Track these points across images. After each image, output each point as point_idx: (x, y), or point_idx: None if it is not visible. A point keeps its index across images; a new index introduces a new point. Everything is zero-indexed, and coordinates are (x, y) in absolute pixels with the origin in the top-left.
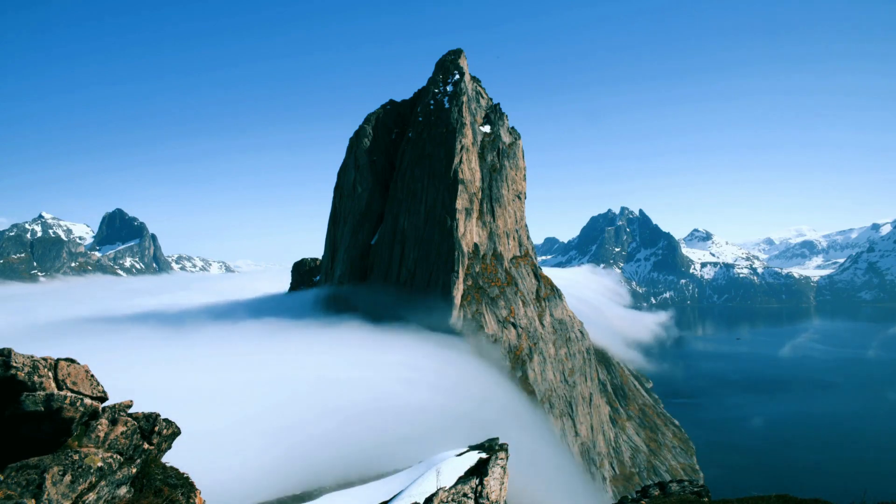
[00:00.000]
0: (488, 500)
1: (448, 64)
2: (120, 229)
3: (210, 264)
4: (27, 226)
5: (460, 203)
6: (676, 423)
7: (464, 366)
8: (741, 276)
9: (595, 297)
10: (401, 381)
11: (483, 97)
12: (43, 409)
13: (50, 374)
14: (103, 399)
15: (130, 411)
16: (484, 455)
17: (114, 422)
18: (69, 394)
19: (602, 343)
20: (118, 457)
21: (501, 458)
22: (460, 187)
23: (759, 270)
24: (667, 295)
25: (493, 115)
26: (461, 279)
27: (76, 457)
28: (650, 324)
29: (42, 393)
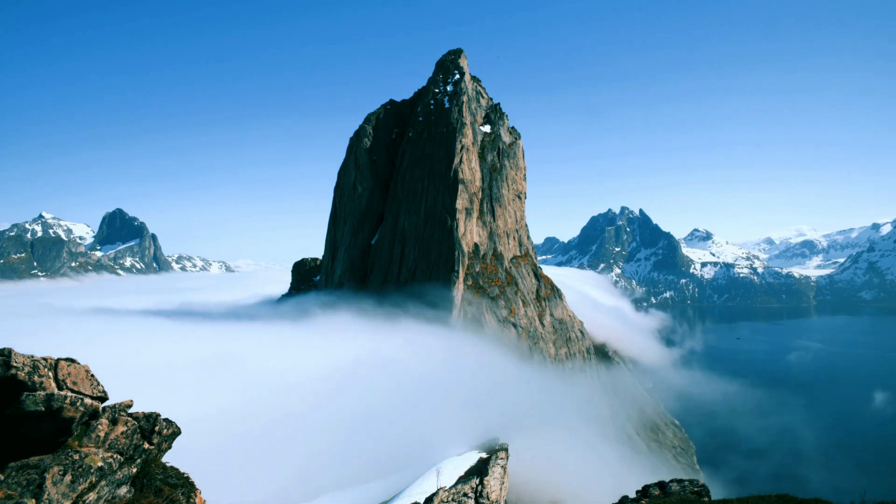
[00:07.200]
0: (488, 499)
1: (448, 64)
2: (120, 229)
3: (210, 264)
4: (27, 225)
5: (460, 203)
6: (676, 422)
7: (464, 360)
8: (741, 275)
9: (595, 297)
10: (400, 381)
11: (483, 97)
12: (43, 408)
13: (50, 373)
14: (103, 399)
15: (131, 411)
16: (484, 455)
17: (114, 421)
18: (69, 393)
19: (602, 342)
20: (118, 456)
21: (501, 458)
22: (460, 187)
23: (760, 270)
24: (667, 295)
25: (493, 114)
26: (461, 279)
27: (76, 456)
28: (650, 323)
29: (42, 393)
